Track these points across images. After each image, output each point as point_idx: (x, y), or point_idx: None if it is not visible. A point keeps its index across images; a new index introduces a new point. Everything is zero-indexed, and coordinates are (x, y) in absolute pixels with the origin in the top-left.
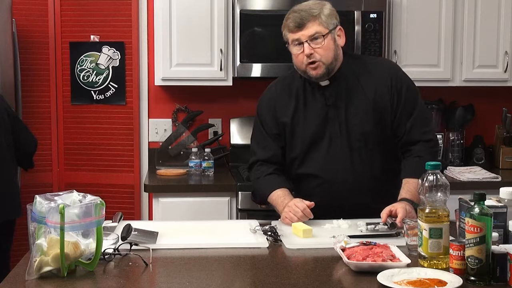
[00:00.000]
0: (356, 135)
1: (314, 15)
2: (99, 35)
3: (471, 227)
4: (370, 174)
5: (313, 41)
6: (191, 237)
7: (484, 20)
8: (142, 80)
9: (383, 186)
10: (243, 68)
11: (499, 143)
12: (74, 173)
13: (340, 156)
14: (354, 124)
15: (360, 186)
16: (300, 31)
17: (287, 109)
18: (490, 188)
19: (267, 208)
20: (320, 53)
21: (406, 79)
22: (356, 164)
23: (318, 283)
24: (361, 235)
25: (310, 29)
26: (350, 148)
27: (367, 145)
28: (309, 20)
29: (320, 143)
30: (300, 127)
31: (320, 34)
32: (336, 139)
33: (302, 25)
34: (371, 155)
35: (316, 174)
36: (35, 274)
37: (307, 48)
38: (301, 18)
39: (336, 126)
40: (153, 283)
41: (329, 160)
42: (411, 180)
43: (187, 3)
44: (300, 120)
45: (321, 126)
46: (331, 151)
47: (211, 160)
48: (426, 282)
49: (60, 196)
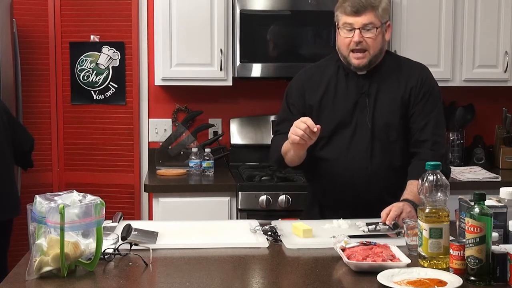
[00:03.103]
0: (380, 125)
1: (374, 5)
2: (99, 35)
3: (471, 227)
4: (388, 165)
5: (365, 30)
6: (191, 237)
7: (484, 20)
8: (142, 80)
9: (399, 179)
10: (243, 68)
11: (499, 143)
12: (74, 173)
13: (363, 144)
14: (380, 115)
15: (377, 176)
16: (356, 17)
17: (316, 92)
18: (490, 188)
19: (267, 208)
20: (369, 44)
21: (434, 83)
22: (376, 153)
23: (318, 283)
24: (361, 235)
25: (366, 18)
26: (372, 138)
27: (390, 137)
28: (368, 9)
29: (346, 129)
30: (328, 110)
31: (374, 26)
32: (361, 126)
33: (360, 12)
34: (392, 147)
35: (336, 158)
36: (35, 274)
37: (357, 35)
38: (360, 5)
39: (363, 114)
40: (153, 283)
41: (351, 146)
42: (415, 182)
43: (187, 3)
44: (329, 104)
45: (348, 113)
46: (354, 138)
47: (211, 160)
48: (426, 282)
49: (60, 196)
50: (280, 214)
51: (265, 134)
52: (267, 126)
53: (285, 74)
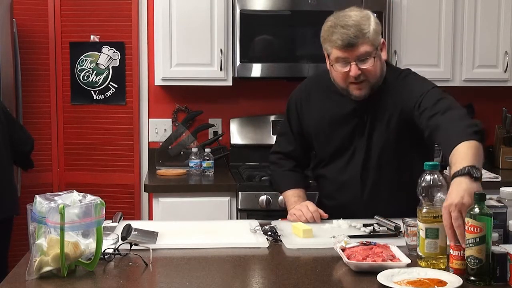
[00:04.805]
0: (375, 151)
1: (364, 32)
2: (99, 35)
3: (471, 227)
4: (383, 189)
5: (361, 61)
6: (191, 237)
7: (484, 20)
8: (142, 80)
9: (394, 203)
10: (243, 68)
11: (499, 143)
12: (74, 173)
13: (357, 170)
14: (375, 141)
15: (371, 205)
16: (349, 51)
17: (314, 114)
18: (490, 188)
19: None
20: (368, 73)
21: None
22: (370, 179)
23: (318, 283)
24: (361, 235)
25: (360, 49)
26: (367, 163)
27: (383, 162)
28: (359, 39)
29: (345, 152)
30: (325, 135)
31: (369, 55)
32: (359, 152)
33: (352, 45)
34: (386, 172)
35: (333, 178)
36: (35, 274)
37: (354, 69)
38: (351, 37)
39: (361, 140)
40: (153, 283)
41: (347, 170)
42: (459, 148)
43: (187, 3)
44: (326, 129)
45: (347, 139)
46: (351, 162)
47: (211, 160)
48: (426, 282)
49: (60, 196)
50: (280, 214)
51: (265, 134)
52: (267, 126)
53: (285, 74)
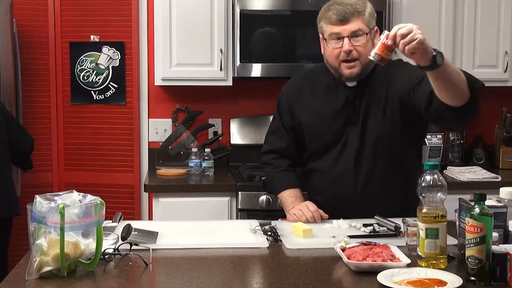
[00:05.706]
0: (369, 140)
1: (359, 11)
2: (99, 35)
3: (471, 227)
4: (377, 181)
5: (354, 38)
6: (191, 237)
7: (484, 20)
8: (142, 80)
9: (387, 196)
10: (243, 68)
11: (499, 143)
12: (74, 173)
13: (350, 160)
14: (370, 130)
15: (366, 198)
16: (343, 25)
17: (306, 107)
18: (490, 188)
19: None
20: (360, 51)
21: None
22: (364, 169)
23: (318, 283)
24: (361, 235)
25: (353, 25)
26: (360, 153)
27: (378, 152)
28: (354, 15)
29: (336, 144)
30: (318, 127)
31: (363, 32)
32: (351, 142)
33: (346, 19)
34: (380, 162)
35: (325, 172)
36: (35, 274)
37: (347, 44)
38: (345, 12)
39: (353, 130)
40: (153, 283)
41: (340, 162)
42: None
43: (187, 3)
44: (319, 121)
45: (339, 131)
46: (343, 153)
47: (211, 160)
48: (426, 282)
49: (60, 196)
50: (280, 214)
51: (265, 134)
52: (267, 126)
53: (285, 74)
